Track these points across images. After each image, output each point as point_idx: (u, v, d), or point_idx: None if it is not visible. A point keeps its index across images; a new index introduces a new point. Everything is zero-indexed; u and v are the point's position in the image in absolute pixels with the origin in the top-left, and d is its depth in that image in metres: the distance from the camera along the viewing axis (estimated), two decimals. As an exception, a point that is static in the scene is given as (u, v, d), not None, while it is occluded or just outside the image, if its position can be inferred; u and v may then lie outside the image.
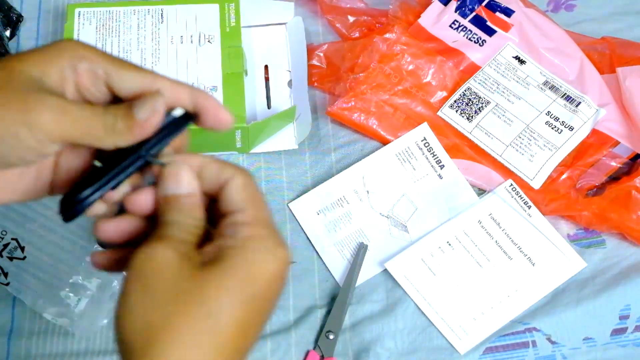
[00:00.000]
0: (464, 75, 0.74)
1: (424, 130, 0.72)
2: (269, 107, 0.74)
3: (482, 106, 0.72)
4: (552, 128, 0.71)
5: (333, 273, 0.66)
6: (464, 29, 0.76)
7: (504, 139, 0.71)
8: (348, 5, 0.78)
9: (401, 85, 0.73)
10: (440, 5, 0.76)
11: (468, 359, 0.63)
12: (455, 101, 0.73)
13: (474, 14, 0.76)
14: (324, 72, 0.75)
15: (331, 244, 0.67)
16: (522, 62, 0.74)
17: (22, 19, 0.77)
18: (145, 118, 0.36)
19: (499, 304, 0.65)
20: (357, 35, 0.77)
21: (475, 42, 0.75)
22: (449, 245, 0.67)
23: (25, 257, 0.62)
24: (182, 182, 0.37)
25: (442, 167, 0.71)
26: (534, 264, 0.66)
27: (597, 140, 0.71)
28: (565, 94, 0.72)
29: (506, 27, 0.75)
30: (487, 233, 0.67)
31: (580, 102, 0.71)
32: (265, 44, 0.77)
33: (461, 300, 0.65)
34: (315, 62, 0.75)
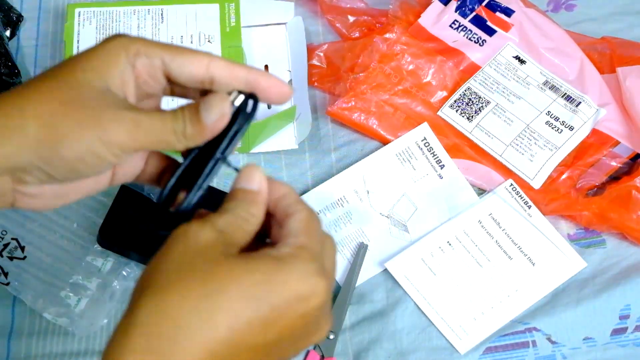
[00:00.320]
0: (464, 75, 0.74)
1: (424, 130, 0.72)
2: (269, 107, 0.74)
3: (482, 106, 0.72)
4: (552, 128, 0.71)
5: (333, 273, 0.66)
6: (464, 29, 0.76)
7: (504, 139, 0.71)
8: (348, 5, 0.78)
9: (401, 85, 0.73)
10: (441, 5, 0.76)
11: (468, 359, 0.63)
12: (455, 101, 0.73)
13: (474, 13, 0.76)
14: (324, 72, 0.75)
15: (331, 244, 0.67)
16: (522, 62, 0.74)
17: (22, 19, 0.77)
18: (213, 122, 0.37)
19: (499, 303, 0.65)
20: (357, 35, 0.77)
21: (475, 42, 0.75)
22: (449, 245, 0.67)
23: (25, 257, 0.62)
24: (253, 180, 0.38)
25: (442, 167, 0.71)
26: (534, 264, 0.66)
27: (597, 140, 0.71)
28: (566, 93, 0.72)
29: (506, 27, 0.75)
30: (487, 233, 0.67)
31: (580, 102, 0.71)
32: (265, 44, 0.77)
33: (461, 300, 0.65)
34: (315, 62, 0.75)
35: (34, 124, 0.35)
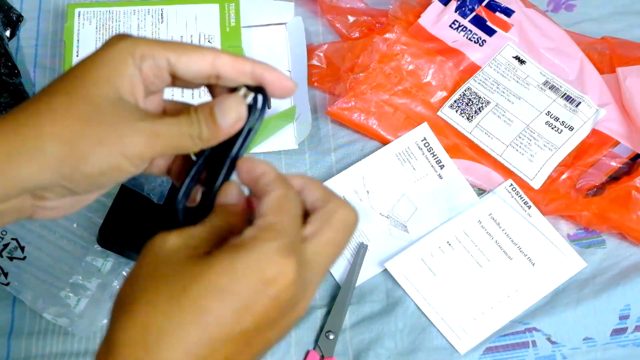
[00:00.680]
0: (464, 75, 0.74)
1: (424, 130, 0.72)
2: (269, 106, 0.73)
3: (482, 106, 0.72)
4: (552, 128, 0.71)
5: (333, 273, 0.66)
6: (464, 29, 0.76)
7: (504, 139, 0.71)
8: (348, 5, 0.78)
9: (401, 85, 0.73)
10: (440, 5, 0.76)
11: (468, 359, 0.63)
12: (455, 101, 0.73)
13: (474, 14, 0.76)
14: (324, 72, 0.75)
15: (331, 244, 0.67)
16: (522, 62, 0.74)
17: (22, 19, 0.77)
18: (229, 125, 0.38)
19: (499, 303, 0.65)
20: (357, 35, 0.77)
21: (475, 42, 0.75)
22: (449, 245, 0.67)
23: (25, 257, 0.62)
24: (229, 195, 0.38)
25: (442, 167, 0.71)
26: (534, 264, 0.66)
27: (597, 140, 0.71)
28: (565, 94, 0.72)
29: (506, 27, 0.75)
30: (487, 233, 0.67)
31: (580, 102, 0.71)
32: (265, 44, 0.77)
33: (461, 300, 0.65)
34: (315, 62, 0.75)
35: (54, 143, 0.35)
